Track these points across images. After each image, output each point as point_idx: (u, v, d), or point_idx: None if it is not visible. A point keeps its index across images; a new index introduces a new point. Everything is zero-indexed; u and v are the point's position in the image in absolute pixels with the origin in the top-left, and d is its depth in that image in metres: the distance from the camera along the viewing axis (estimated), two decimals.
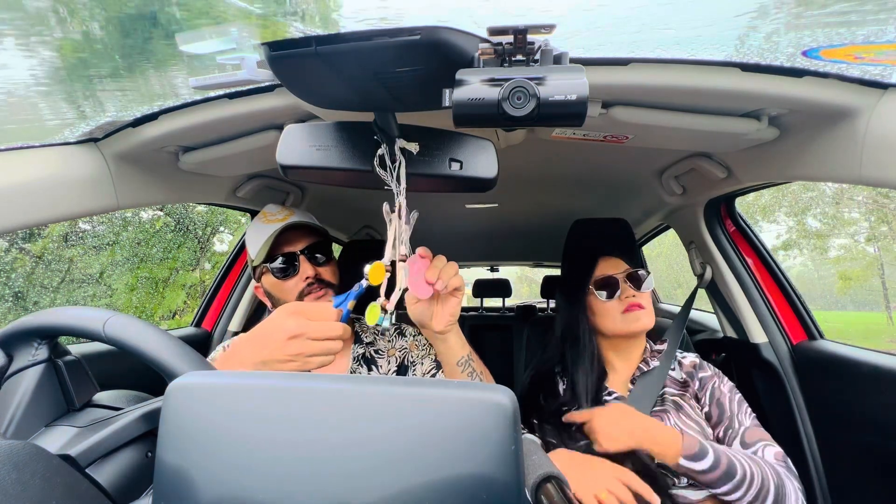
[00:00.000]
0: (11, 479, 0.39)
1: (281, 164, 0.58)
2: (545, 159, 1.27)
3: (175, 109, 0.86)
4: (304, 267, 0.96)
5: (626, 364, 1.11)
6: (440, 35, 0.41)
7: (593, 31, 0.65)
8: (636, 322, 1.05)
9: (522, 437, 0.51)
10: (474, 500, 0.33)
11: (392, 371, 1.04)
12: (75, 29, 0.60)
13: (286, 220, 0.97)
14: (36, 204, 0.83)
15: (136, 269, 5.98)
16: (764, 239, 1.42)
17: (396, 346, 1.08)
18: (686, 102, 0.82)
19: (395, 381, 0.38)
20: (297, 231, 0.99)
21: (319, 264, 0.99)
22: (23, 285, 4.90)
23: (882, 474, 1.05)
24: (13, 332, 0.65)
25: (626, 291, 1.07)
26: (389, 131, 0.56)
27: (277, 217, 0.99)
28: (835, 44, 0.65)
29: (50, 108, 0.81)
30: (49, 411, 0.64)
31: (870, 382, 1.07)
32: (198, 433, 0.39)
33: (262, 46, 0.44)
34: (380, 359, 1.05)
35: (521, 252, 3.13)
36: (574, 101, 0.41)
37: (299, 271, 0.96)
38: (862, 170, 0.75)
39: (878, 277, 12.89)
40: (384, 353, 1.07)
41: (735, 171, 1.11)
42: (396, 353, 1.07)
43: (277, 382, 0.40)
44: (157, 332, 0.64)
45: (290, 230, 0.97)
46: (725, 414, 0.99)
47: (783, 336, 1.32)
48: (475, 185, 0.60)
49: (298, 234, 0.99)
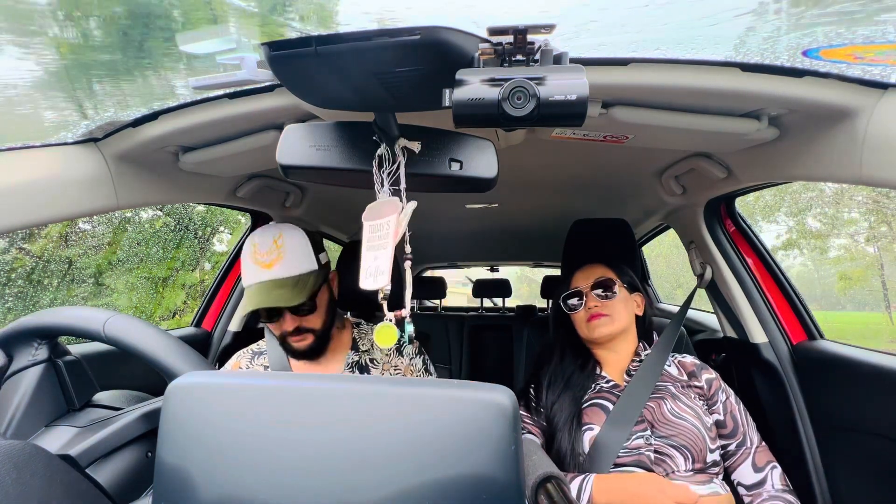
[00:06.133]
0: (11, 479, 0.39)
1: (281, 164, 0.58)
2: (545, 159, 1.27)
3: (175, 109, 0.86)
4: (286, 320, 0.96)
5: (616, 356, 1.15)
6: (440, 35, 0.41)
7: (593, 31, 0.65)
8: (597, 329, 1.12)
9: (522, 437, 0.51)
10: (474, 499, 0.33)
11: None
12: (75, 29, 0.60)
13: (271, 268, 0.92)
14: (36, 204, 0.83)
15: (135, 269, 5.98)
16: (764, 239, 1.42)
17: (392, 363, 1.08)
18: (686, 102, 0.82)
19: (395, 382, 0.38)
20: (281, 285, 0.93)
21: (304, 314, 0.97)
22: (23, 285, 4.89)
23: (882, 474, 1.05)
24: (13, 332, 0.66)
25: (591, 301, 1.14)
26: (389, 131, 0.56)
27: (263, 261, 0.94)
28: (835, 44, 0.65)
29: (50, 108, 0.81)
30: (49, 411, 0.64)
31: (870, 382, 1.07)
32: (198, 433, 0.39)
33: (263, 46, 0.44)
34: (374, 369, 1.06)
35: (521, 252, 3.12)
36: (574, 101, 0.41)
37: (281, 319, 0.97)
38: (862, 170, 0.75)
39: (878, 277, 12.89)
40: (378, 364, 1.07)
41: (735, 171, 1.11)
42: (390, 370, 1.07)
43: (277, 383, 0.40)
44: (157, 333, 0.64)
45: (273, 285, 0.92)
46: (739, 429, 1.04)
47: (783, 336, 1.32)
48: (475, 185, 0.60)
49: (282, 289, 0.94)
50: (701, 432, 0.98)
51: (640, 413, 1.01)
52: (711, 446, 0.98)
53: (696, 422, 0.99)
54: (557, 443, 1.03)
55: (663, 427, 0.99)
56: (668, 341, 1.15)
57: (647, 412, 1.02)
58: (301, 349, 0.99)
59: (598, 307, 1.13)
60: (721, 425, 1.04)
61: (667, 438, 0.98)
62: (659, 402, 1.03)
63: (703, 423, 0.99)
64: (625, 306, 1.14)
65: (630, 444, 0.98)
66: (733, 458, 1.02)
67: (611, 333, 1.11)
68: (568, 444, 1.01)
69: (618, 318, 1.12)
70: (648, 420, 1.01)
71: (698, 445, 0.96)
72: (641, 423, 1.01)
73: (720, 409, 1.05)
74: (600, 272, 1.17)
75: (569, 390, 1.09)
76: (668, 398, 1.04)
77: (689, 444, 0.96)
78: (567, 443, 1.02)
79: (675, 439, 0.97)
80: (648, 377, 1.06)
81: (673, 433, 0.98)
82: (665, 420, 1.00)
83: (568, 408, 1.06)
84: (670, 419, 1.00)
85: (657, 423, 1.00)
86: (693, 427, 0.98)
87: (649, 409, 1.02)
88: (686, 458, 0.95)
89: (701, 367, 1.13)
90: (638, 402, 1.02)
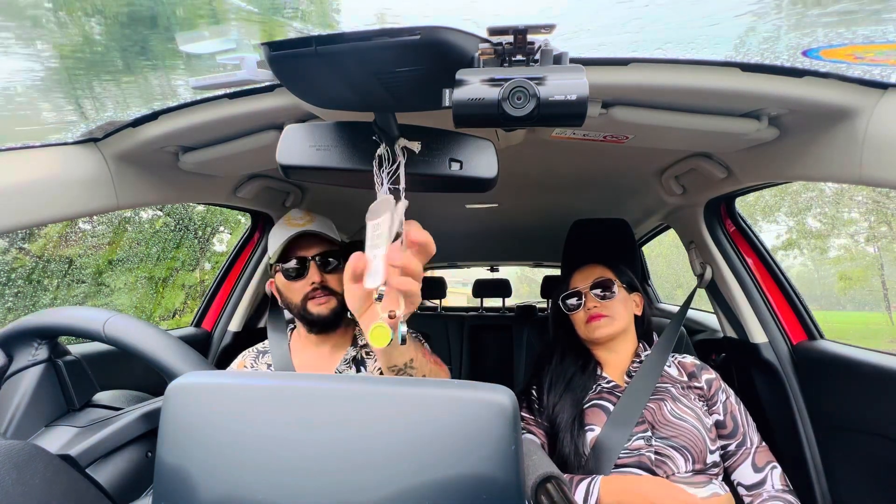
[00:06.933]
0: (11, 479, 0.39)
1: (281, 164, 0.58)
2: (545, 159, 1.27)
3: (175, 109, 0.86)
4: (312, 272, 1.02)
5: (616, 357, 1.15)
6: (440, 35, 0.41)
7: (593, 31, 0.65)
8: (596, 330, 1.12)
9: (522, 437, 0.51)
10: (474, 499, 0.33)
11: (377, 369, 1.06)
12: (75, 29, 0.60)
13: (305, 227, 1.05)
14: (36, 204, 0.83)
15: (135, 269, 5.98)
16: (764, 239, 1.42)
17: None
18: (686, 102, 0.82)
19: (396, 382, 0.38)
20: (312, 238, 1.06)
21: (328, 271, 1.05)
22: (23, 285, 4.89)
23: (882, 474, 1.05)
24: (13, 332, 0.66)
25: (590, 301, 1.14)
26: (389, 131, 0.56)
27: (298, 222, 1.06)
28: (835, 44, 0.65)
29: (50, 108, 0.81)
30: (49, 411, 0.64)
31: (870, 382, 1.07)
32: (198, 433, 0.39)
33: (263, 46, 0.44)
34: (368, 360, 1.08)
35: (521, 252, 3.12)
36: (574, 101, 0.41)
37: (307, 275, 1.02)
38: (862, 170, 0.75)
39: (878, 277, 12.89)
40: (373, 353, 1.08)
41: (735, 171, 1.11)
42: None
43: (278, 383, 0.40)
44: (158, 333, 0.64)
45: (305, 237, 1.04)
46: (739, 429, 1.04)
47: (783, 336, 1.32)
48: (475, 185, 0.59)
49: (313, 241, 1.06)
50: (701, 433, 0.98)
51: (640, 414, 1.01)
52: (711, 447, 0.98)
53: (697, 423, 0.99)
54: (560, 444, 1.04)
55: (664, 428, 0.99)
56: (668, 342, 1.15)
57: (647, 413, 1.02)
58: (321, 314, 1.01)
59: (597, 307, 1.13)
60: (721, 425, 1.04)
61: (667, 439, 0.97)
62: (659, 404, 1.03)
63: (703, 425, 0.99)
64: (624, 306, 1.14)
65: (631, 444, 0.98)
66: (733, 459, 1.02)
67: (610, 334, 1.12)
68: (570, 445, 1.02)
69: (617, 318, 1.12)
70: (649, 421, 1.01)
71: (698, 446, 0.96)
72: (642, 424, 1.01)
73: (720, 409, 1.05)
74: (599, 272, 1.17)
75: (570, 391, 1.10)
76: (669, 399, 1.04)
77: (690, 445, 0.96)
78: (570, 444, 1.02)
79: (676, 440, 0.97)
80: (649, 378, 1.06)
81: (673, 434, 0.98)
82: (665, 421, 1.00)
83: (569, 409, 1.06)
84: (671, 420, 1.00)
85: (658, 425, 1.00)
86: (693, 428, 0.98)
87: (650, 411, 1.02)
88: (686, 459, 0.95)
89: (701, 368, 1.13)
90: (638, 402, 1.02)
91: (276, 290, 1.09)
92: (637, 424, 1.00)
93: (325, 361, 1.07)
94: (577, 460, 1.00)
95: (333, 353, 1.08)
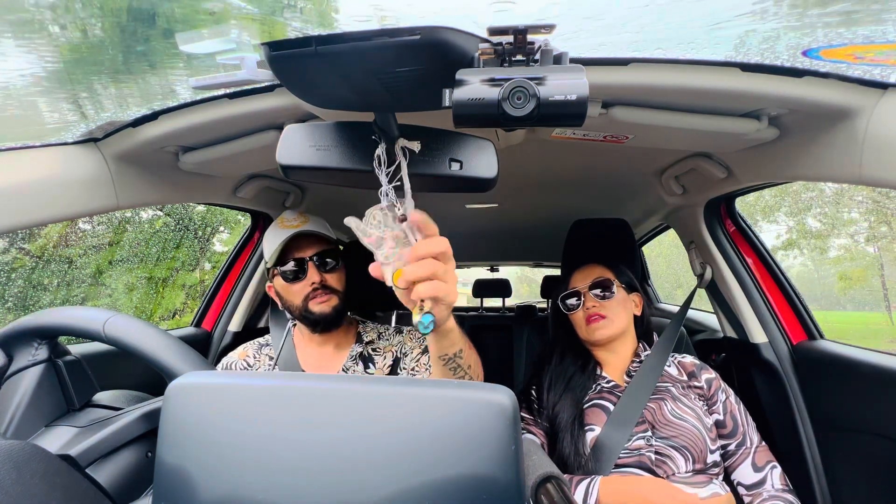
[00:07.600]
0: (11, 479, 0.39)
1: (281, 164, 0.58)
2: (545, 159, 1.27)
3: (175, 109, 0.86)
4: (311, 272, 1.02)
5: (616, 357, 1.15)
6: (440, 35, 0.41)
7: (593, 31, 0.65)
8: (596, 332, 1.12)
9: (523, 437, 0.51)
10: (474, 499, 0.33)
11: (387, 366, 1.06)
12: (75, 29, 0.60)
13: (299, 228, 1.03)
14: (36, 204, 0.83)
15: (135, 269, 5.98)
16: (764, 239, 1.42)
17: (394, 343, 1.11)
18: (686, 102, 0.82)
19: (396, 382, 0.38)
20: (308, 238, 1.05)
21: (326, 270, 1.04)
22: (22, 285, 4.89)
23: (882, 474, 1.05)
24: (13, 332, 0.65)
25: (589, 301, 1.14)
26: (389, 131, 0.56)
27: (292, 223, 1.05)
28: (835, 44, 0.65)
29: (50, 108, 0.81)
30: (49, 411, 0.64)
31: (870, 382, 1.07)
32: (198, 433, 0.39)
33: (263, 46, 0.44)
34: (377, 356, 1.08)
35: (521, 252, 3.12)
36: (574, 101, 0.41)
37: (306, 276, 1.02)
38: (862, 170, 0.75)
39: (878, 277, 12.89)
40: (381, 350, 1.09)
41: (735, 171, 1.11)
42: (393, 349, 1.09)
43: (278, 383, 0.40)
44: (158, 333, 0.64)
45: (301, 237, 1.03)
46: (739, 429, 1.04)
47: (783, 336, 1.32)
48: (475, 185, 0.60)
49: (309, 242, 1.05)
50: (701, 433, 0.98)
51: (640, 414, 1.01)
52: (712, 447, 0.98)
53: (697, 423, 0.99)
54: (560, 444, 1.04)
55: (664, 428, 0.99)
56: (668, 342, 1.15)
57: (647, 413, 1.02)
58: (323, 313, 1.01)
59: (596, 307, 1.13)
60: (721, 425, 1.04)
61: (667, 439, 0.97)
62: (659, 403, 1.03)
63: (703, 424, 1.00)
64: (622, 307, 1.14)
65: (631, 444, 0.98)
66: (733, 458, 1.02)
67: (609, 336, 1.12)
68: (571, 445, 1.02)
69: (616, 319, 1.12)
70: (649, 421, 1.01)
71: (699, 446, 0.96)
72: (642, 424, 1.01)
73: (720, 408, 1.05)
74: (598, 272, 1.17)
75: (570, 391, 1.09)
76: (669, 399, 1.04)
77: (690, 445, 0.96)
78: (570, 444, 1.02)
79: (676, 440, 0.97)
80: (649, 378, 1.06)
81: (674, 434, 0.98)
82: (666, 421, 1.00)
83: (570, 409, 1.06)
84: (671, 420, 1.00)
85: (658, 424, 1.00)
86: (693, 428, 0.98)
87: (650, 410, 1.02)
88: (686, 458, 0.95)
89: (701, 368, 1.13)
90: (638, 402, 1.02)
91: (275, 294, 1.08)
92: (637, 424, 1.00)
93: (330, 359, 1.07)
94: (577, 460, 1.00)
95: (337, 351, 1.08)
